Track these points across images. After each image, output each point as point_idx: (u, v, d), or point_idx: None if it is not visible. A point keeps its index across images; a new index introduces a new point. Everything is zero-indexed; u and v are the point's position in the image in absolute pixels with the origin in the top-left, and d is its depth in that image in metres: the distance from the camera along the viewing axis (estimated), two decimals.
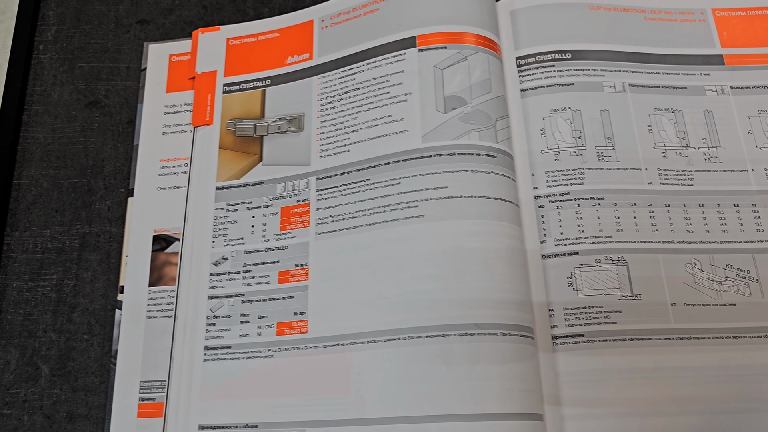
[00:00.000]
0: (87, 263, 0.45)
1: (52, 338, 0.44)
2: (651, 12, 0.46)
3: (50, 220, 0.47)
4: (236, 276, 0.42)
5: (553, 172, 0.42)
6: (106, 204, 0.47)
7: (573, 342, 0.38)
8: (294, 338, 0.40)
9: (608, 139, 0.42)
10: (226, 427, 0.39)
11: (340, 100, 0.44)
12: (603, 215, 0.41)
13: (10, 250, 0.46)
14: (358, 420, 0.37)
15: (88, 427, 0.42)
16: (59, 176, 0.48)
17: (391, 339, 0.37)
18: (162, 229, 0.45)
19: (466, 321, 0.37)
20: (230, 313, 0.42)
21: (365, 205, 0.41)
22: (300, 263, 0.41)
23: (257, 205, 0.44)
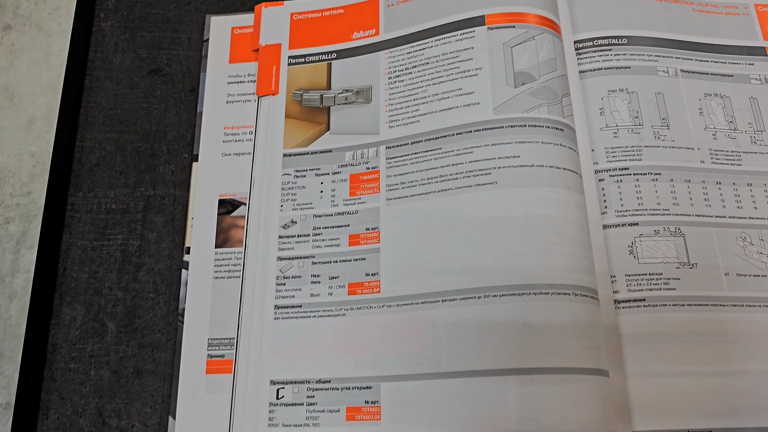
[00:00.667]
0: (152, 224, 0.46)
1: (118, 296, 0.44)
2: (699, 4, 0.49)
3: (114, 182, 0.47)
4: (306, 239, 0.43)
5: (612, 149, 0.44)
6: (170, 168, 0.48)
7: (635, 306, 0.40)
8: (366, 298, 0.41)
9: (663, 120, 0.45)
10: (299, 382, 0.40)
11: (408, 74, 0.46)
12: (660, 190, 0.43)
13: (74, 210, 0.47)
14: (434, 374, 0.38)
15: (155, 382, 0.42)
16: (122, 140, 0.48)
17: (467, 298, 0.39)
18: (227, 194, 0.46)
19: (541, 281, 0.38)
20: (300, 274, 0.43)
21: (437, 173, 0.42)
22: (371, 227, 0.43)
23: (326, 171, 0.45)
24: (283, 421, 0.40)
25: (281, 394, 0.40)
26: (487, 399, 0.37)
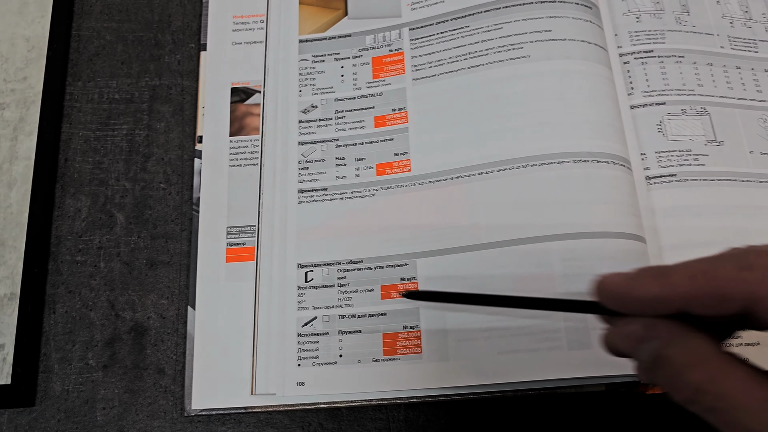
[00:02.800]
0: (159, 114, 0.43)
1: (126, 187, 0.41)
2: None
3: (116, 72, 0.44)
4: (328, 122, 0.42)
5: (636, 32, 0.44)
6: (176, 58, 0.45)
7: (666, 181, 0.40)
8: (396, 177, 0.39)
9: (683, 6, 0.45)
10: (328, 264, 0.38)
11: None
12: (685, 71, 0.43)
13: (74, 100, 0.43)
14: (474, 246, 0.37)
15: (171, 274, 0.40)
16: (123, 29, 0.45)
17: (504, 169, 0.38)
18: (240, 82, 0.44)
19: (581, 149, 0.38)
20: (324, 158, 0.41)
21: (466, 50, 0.41)
22: (397, 107, 0.41)
23: (346, 56, 0.43)
24: (313, 303, 0.38)
25: (310, 277, 0.38)
26: (530, 265, 0.36)
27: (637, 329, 0.24)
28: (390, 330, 0.37)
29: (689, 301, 0.23)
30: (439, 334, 0.36)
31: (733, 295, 0.22)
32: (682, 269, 0.23)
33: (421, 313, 0.37)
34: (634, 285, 0.24)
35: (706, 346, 0.23)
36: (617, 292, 0.24)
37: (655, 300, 0.23)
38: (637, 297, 0.24)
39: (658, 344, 0.23)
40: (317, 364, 0.37)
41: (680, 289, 0.23)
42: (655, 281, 0.23)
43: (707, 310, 0.22)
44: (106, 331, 0.38)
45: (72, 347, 0.38)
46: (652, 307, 0.24)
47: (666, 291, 0.23)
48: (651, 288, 0.23)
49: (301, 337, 0.37)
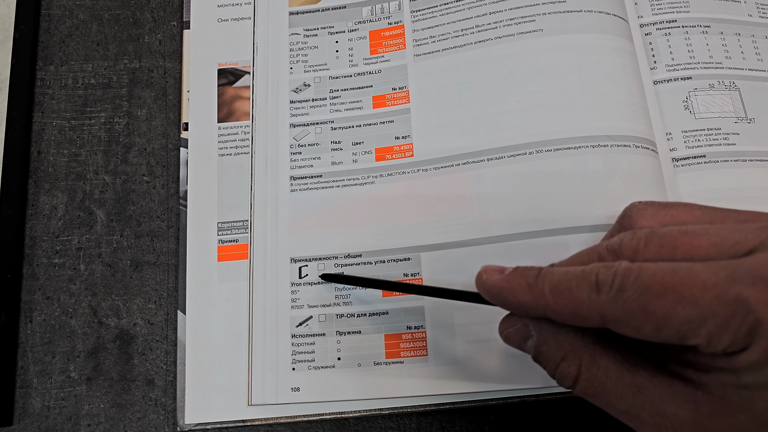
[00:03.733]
0: (140, 100, 0.40)
1: (106, 180, 0.38)
2: None
3: (91, 54, 0.41)
4: (322, 102, 0.38)
5: (657, 1, 0.40)
6: (157, 37, 0.41)
7: (695, 163, 0.37)
8: (397, 162, 0.36)
9: None
10: (324, 258, 0.35)
11: None
12: (711, 42, 0.39)
13: (45, 86, 0.40)
14: (483, 239, 0.34)
15: (158, 275, 0.37)
16: (97, 7, 0.42)
17: (516, 155, 0.35)
18: (228, 63, 0.40)
19: (599, 133, 0.34)
20: (318, 141, 0.37)
21: (472, 23, 0.37)
22: (398, 86, 0.38)
23: (340, 29, 0.39)
24: (308, 302, 0.35)
25: (304, 273, 0.35)
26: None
27: (519, 327, 0.26)
28: (393, 330, 0.34)
29: (552, 314, 0.24)
30: (446, 335, 0.33)
31: (586, 316, 0.23)
32: (550, 281, 0.24)
33: (426, 312, 0.34)
34: (507, 288, 0.25)
35: (576, 340, 0.25)
36: (492, 292, 0.26)
37: (523, 306, 0.25)
38: (507, 300, 0.25)
39: (534, 342, 0.26)
40: (313, 368, 0.34)
41: (544, 301, 0.24)
42: (527, 288, 0.25)
43: (569, 322, 0.24)
44: (88, 341, 0.35)
45: (52, 359, 0.35)
46: (521, 311, 0.25)
47: (533, 300, 0.24)
48: (521, 295, 0.25)
49: (296, 339, 0.34)
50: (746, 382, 0.22)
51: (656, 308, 0.21)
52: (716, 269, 0.21)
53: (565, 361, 0.25)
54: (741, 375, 0.22)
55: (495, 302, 0.26)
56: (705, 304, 0.21)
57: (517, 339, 0.27)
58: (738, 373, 0.22)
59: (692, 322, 0.21)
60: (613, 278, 0.23)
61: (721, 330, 0.21)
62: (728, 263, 0.22)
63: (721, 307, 0.21)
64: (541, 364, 0.26)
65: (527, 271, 0.25)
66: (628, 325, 0.22)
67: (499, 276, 0.26)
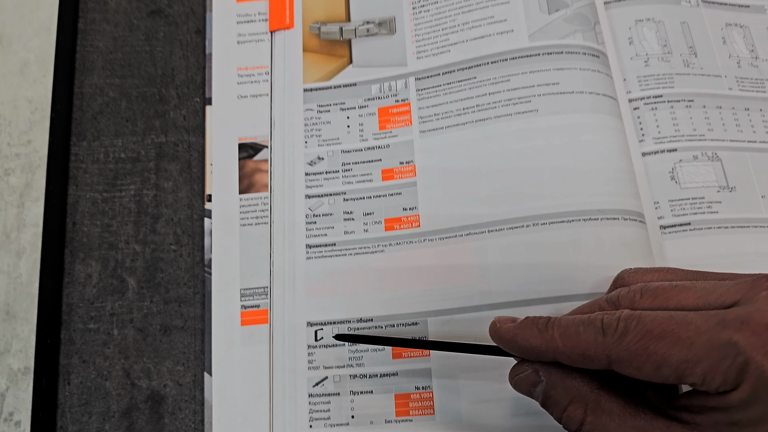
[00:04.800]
0: (166, 173, 0.43)
1: (136, 250, 0.41)
2: None
3: (121, 130, 0.44)
4: (335, 175, 0.41)
5: (644, 77, 0.43)
6: (182, 113, 0.44)
7: (681, 230, 0.40)
8: (405, 233, 0.39)
9: (690, 48, 0.44)
10: (338, 322, 0.38)
11: (434, 3, 0.44)
12: (695, 116, 0.43)
13: (79, 161, 0.43)
14: (485, 306, 0.37)
15: (185, 339, 0.39)
16: (126, 85, 0.45)
17: (515, 227, 0.38)
18: (247, 137, 0.43)
19: (590, 207, 0.37)
20: (332, 212, 0.41)
21: (473, 102, 0.41)
22: (405, 160, 0.41)
23: (351, 105, 0.43)
24: (324, 363, 0.38)
25: (320, 336, 0.38)
26: None
27: (528, 374, 0.29)
28: (402, 390, 0.37)
29: (561, 356, 0.27)
30: (451, 395, 0.36)
31: (593, 356, 0.26)
32: (559, 326, 0.27)
33: (433, 373, 0.37)
34: (520, 334, 0.28)
35: (582, 385, 0.27)
36: (506, 338, 0.29)
37: (535, 350, 0.28)
38: (520, 345, 0.28)
39: (543, 387, 0.28)
40: (329, 425, 0.37)
41: (554, 345, 0.27)
42: (538, 334, 0.28)
43: (577, 364, 0.27)
44: (122, 401, 0.38)
45: (89, 419, 0.38)
46: (533, 355, 0.28)
47: (544, 344, 0.27)
48: (533, 340, 0.28)
49: (313, 398, 0.37)
50: (737, 419, 0.25)
51: (656, 349, 0.25)
52: (707, 317, 0.25)
53: (572, 404, 0.27)
54: (732, 413, 0.25)
55: (507, 348, 0.29)
56: (699, 346, 0.24)
57: (527, 384, 0.29)
58: (729, 411, 0.25)
59: (688, 362, 0.24)
60: (617, 323, 0.26)
61: (714, 369, 0.24)
62: (717, 312, 0.25)
63: (713, 350, 0.24)
64: (548, 408, 0.29)
65: (537, 319, 0.29)
66: (630, 365, 0.25)
67: (512, 324, 0.29)
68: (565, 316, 0.29)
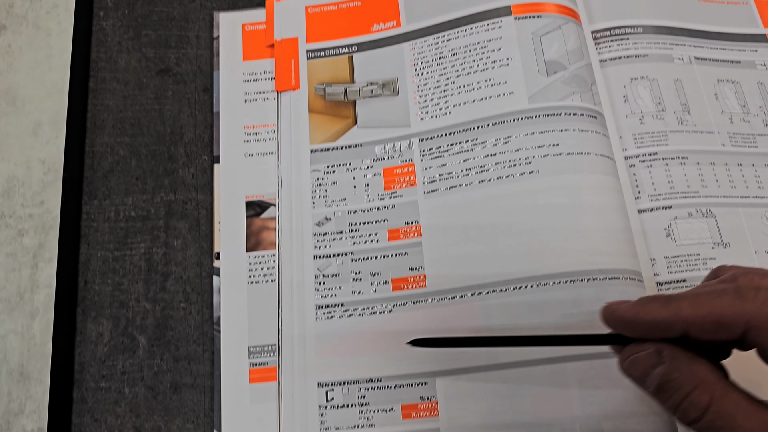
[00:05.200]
0: (176, 231, 0.44)
1: (147, 308, 0.42)
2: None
3: (131, 188, 0.45)
4: (342, 235, 0.42)
5: (640, 135, 0.45)
6: (190, 171, 0.45)
7: (677, 287, 0.41)
8: (412, 293, 0.40)
9: (684, 105, 0.46)
10: (348, 382, 0.39)
11: (436, 65, 0.45)
12: (689, 173, 0.44)
13: (91, 219, 0.44)
14: (491, 366, 0.38)
15: (195, 396, 0.40)
16: (136, 144, 0.46)
17: (519, 288, 0.39)
18: (254, 195, 0.44)
19: (592, 267, 0.39)
20: (340, 272, 0.42)
21: (475, 164, 0.42)
22: (410, 221, 0.42)
23: (357, 166, 0.44)
24: (335, 423, 0.38)
25: (330, 396, 0.39)
26: (548, 386, 0.37)
27: (649, 353, 0.27)
28: None
29: (692, 326, 0.26)
30: None
31: (730, 323, 0.25)
32: (686, 296, 0.26)
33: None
34: (643, 310, 0.27)
35: (709, 370, 0.26)
36: (626, 317, 0.27)
37: (662, 323, 0.26)
38: (644, 320, 0.27)
39: (665, 368, 0.26)
40: None
41: (684, 315, 0.26)
42: (662, 306, 0.26)
43: (708, 335, 0.25)
44: None
45: None
46: (659, 331, 0.27)
47: (672, 316, 0.26)
48: (659, 312, 0.26)
49: None
50: None
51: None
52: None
53: (697, 390, 0.26)
54: None
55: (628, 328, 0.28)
56: None
57: (645, 365, 0.27)
58: None
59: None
60: (755, 289, 0.25)
61: None
62: None
63: None
64: (665, 393, 0.27)
65: (659, 295, 0.27)
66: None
67: (629, 303, 0.28)
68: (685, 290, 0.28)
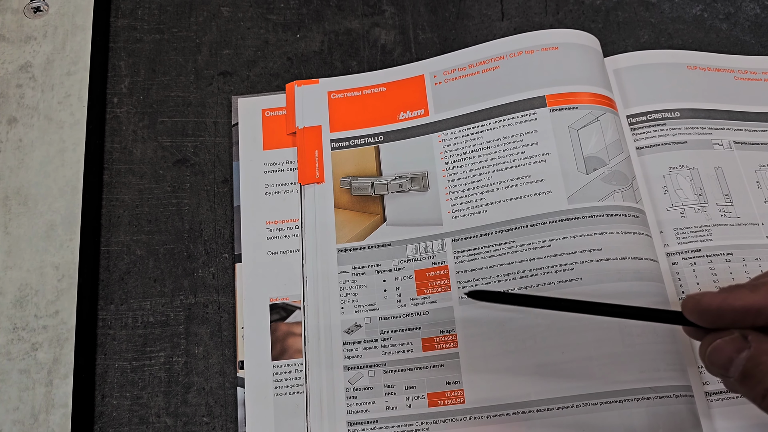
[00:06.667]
0: (197, 337, 0.42)
1: (168, 423, 0.40)
2: (739, 72, 0.49)
3: (149, 291, 0.43)
4: (374, 344, 0.40)
5: (681, 230, 0.43)
6: (210, 271, 0.43)
7: (728, 398, 0.39)
8: (450, 409, 0.38)
9: (726, 196, 0.44)
10: None
11: (468, 159, 0.43)
12: (735, 270, 0.42)
13: (107, 326, 0.42)
14: None
15: None
16: (153, 242, 0.44)
17: (564, 407, 0.37)
18: (279, 298, 0.42)
19: (642, 385, 0.36)
20: (372, 385, 0.39)
21: (514, 268, 0.40)
22: (446, 329, 0.40)
23: (387, 268, 0.42)
24: None
25: None
26: None
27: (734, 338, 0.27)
28: None
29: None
30: None
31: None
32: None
33: None
34: (730, 296, 0.27)
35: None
36: (713, 305, 0.27)
37: (751, 309, 0.26)
38: (733, 307, 0.27)
39: (752, 353, 0.26)
40: None
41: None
42: (750, 292, 0.27)
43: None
44: None
45: None
46: (748, 317, 0.27)
47: (761, 300, 0.26)
48: (748, 298, 0.26)
49: None
50: None
51: None
52: None
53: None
54: None
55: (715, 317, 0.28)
56: None
57: (730, 351, 0.27)
58: None
59: None
60: None
61: None
62: None
63: None
64: (751, 379, 0.27)
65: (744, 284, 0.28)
66: None
67: (712, 293, 0.28)
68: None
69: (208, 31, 0.50)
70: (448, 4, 0.51)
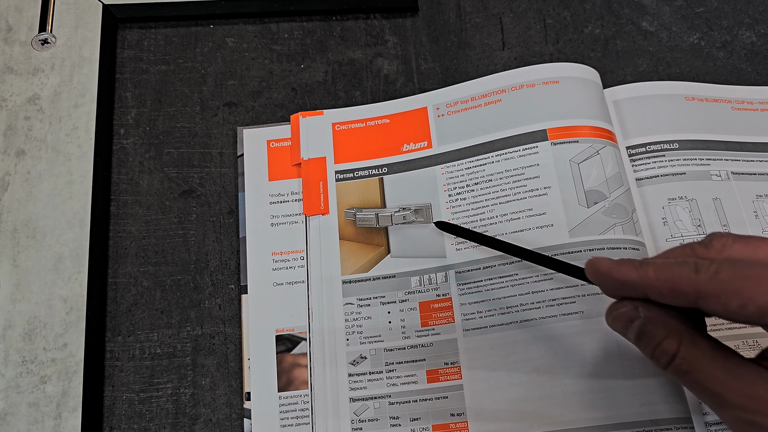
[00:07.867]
0: (204, 368, 0.42)
1: None
2: (736, 102, 0.50)
3: (156, 323, 0.43)
4: (379, 376, 0.41)
5: None
6: (217, 302, 0.44)
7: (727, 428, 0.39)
8: None
9: (724, 227, 0.45)
10: None
11: (470, 191, 0.44)
12: None
13: (115, 358, 0.42)
14: None
15: None
16: (160, 273, 0.44)
17: None
18: (285, 329, 0.43)
19: (643, 418, 0.37)
20: (378, 416, 0.40)
21: (516, 301, 0.41)
22: (449, 361, 0.40)
23: (392, 299, 0.42)
24: None
25: None
26: None
27: (627, 309, 0.31)
28: None
29: (652, 290, 0.30)
30: None
31: (683, 291, 0.28)
32: (654, 264, 0.30)
33: None
34: (617, 268, 0.31)
35: (679, 324, 0.30)
36: (602, 272, 0.32)
37: (630, 284, 0.30)
38: (615, 279, 0.31)
39: (641, 321, 0.30)
40: None
41: (647, 279, 0.30)
42: (633, 269, 0.30)
43: (666, 300, 0.29)
44: None
45: None
46: (627, 290, 0.31)
47: (638, 279, 0.30)
48: (628, 274, 0.30)
49: None
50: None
51: (743, 289, 0.27)
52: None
53: (668, 339, 0.29)
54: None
55: (601, 281, 0.32)
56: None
57: (624, 320, 0.31)
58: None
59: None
60: (710, 264, 0.28)
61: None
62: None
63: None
64: (641, 343, 0.31)
65: (632, 259, 0.31)
66: (717, 301, 0.27)
67: (609, 261, 0.32)
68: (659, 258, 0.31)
69: (213, 62, 0.51)
70: (449, 33, 0.52)
